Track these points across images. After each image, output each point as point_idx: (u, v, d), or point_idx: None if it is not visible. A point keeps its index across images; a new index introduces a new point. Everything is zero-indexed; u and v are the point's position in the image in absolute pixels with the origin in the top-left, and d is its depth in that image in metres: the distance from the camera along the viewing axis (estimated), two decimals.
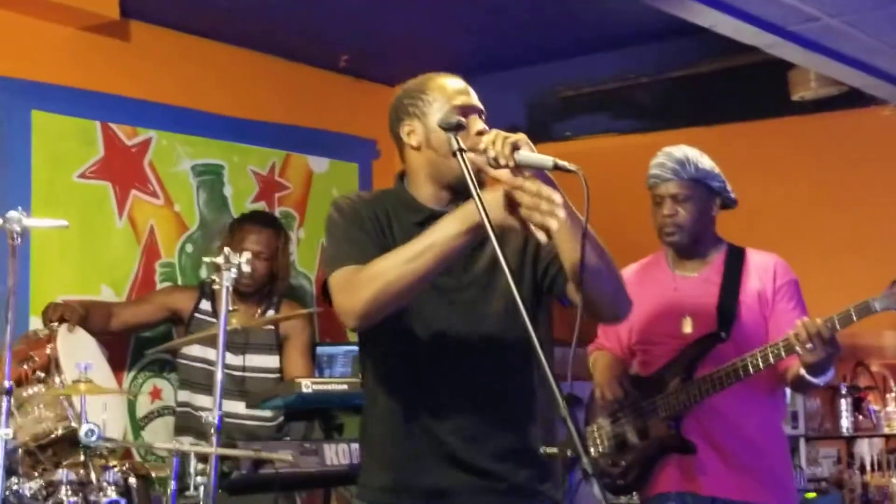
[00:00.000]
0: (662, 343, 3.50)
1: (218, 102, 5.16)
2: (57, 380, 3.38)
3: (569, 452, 2.03)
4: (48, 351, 3.49)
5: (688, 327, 3.46)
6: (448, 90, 2.49)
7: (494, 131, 2.26)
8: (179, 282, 4.91)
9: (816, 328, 3.12)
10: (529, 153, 2.19)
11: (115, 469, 2.96)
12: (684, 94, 5.20)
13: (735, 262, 3.49)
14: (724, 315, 3.41)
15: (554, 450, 2.09)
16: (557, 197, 2.10)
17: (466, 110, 2.44)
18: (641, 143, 3.43)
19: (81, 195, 4.63)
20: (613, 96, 5.45)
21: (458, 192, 2.44)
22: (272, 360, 4.43)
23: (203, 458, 3.09)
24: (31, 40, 4.49)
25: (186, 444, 3.33)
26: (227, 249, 3.07)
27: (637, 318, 3.51)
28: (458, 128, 2.29)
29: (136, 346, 4.74)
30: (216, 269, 3.06)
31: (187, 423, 4.33)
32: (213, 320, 4.23)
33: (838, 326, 3.16)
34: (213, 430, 2.92)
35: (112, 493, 2.83)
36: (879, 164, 5.05)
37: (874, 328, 6.27)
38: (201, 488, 3.04)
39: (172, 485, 2.93)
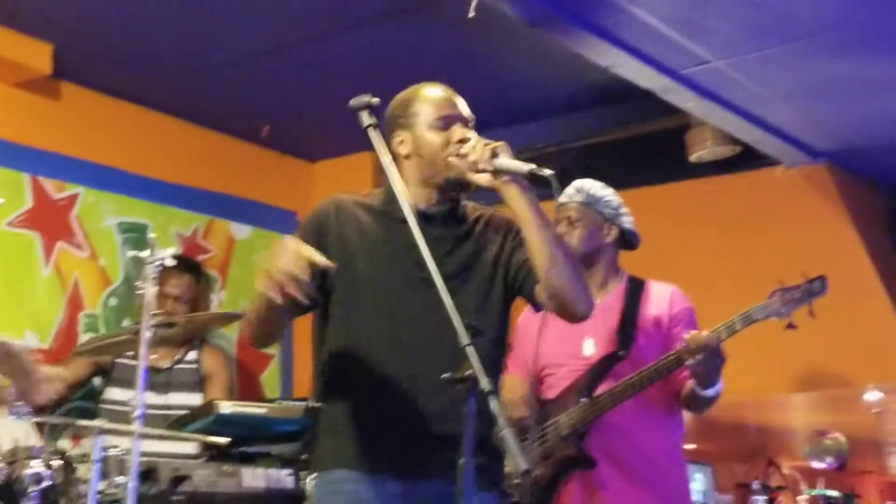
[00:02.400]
0: (565, 365, 3.67)
1: (145, 164, 5.35)
2: None
3: (467, 373, 2.23)
4: None
5: (589, 349, 3.65)
6: (433, 100, 2.68)
7: (475, 138, 2.56)
8: (102, 333, 5.01)
9: (704, 339, 3.34)
10: (507, 160, 2.49)
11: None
12: (588, 162, 5.51)
13: (635, 290, 3.71)
14: (624, 337, 3.61)
15: (453, 374, 2.26)
16: None
17: (451, 119, 2.63)
18: (546, 209, 3.68)
19: (8, 243, 4.75)
20: None
21: (445, 191, 2.66)
22: (195, 398, 4.53)
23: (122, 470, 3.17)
24: None
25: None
26: (151, 241, 3.22)
27: (541, 345, 3.72)
28: (367, 107, 2.57)
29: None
30: (141, 263, 3.20)
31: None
32: (135, 363, 4.32)
33: (723, 336, 3.39)
34: (133, 415, 3.02)
35: (37, 466, 2.92)
36: (774, 224, 5.33)
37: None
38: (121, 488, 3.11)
39: (95, 466, 3.01)
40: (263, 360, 5.78)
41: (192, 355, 4.67)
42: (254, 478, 3.80)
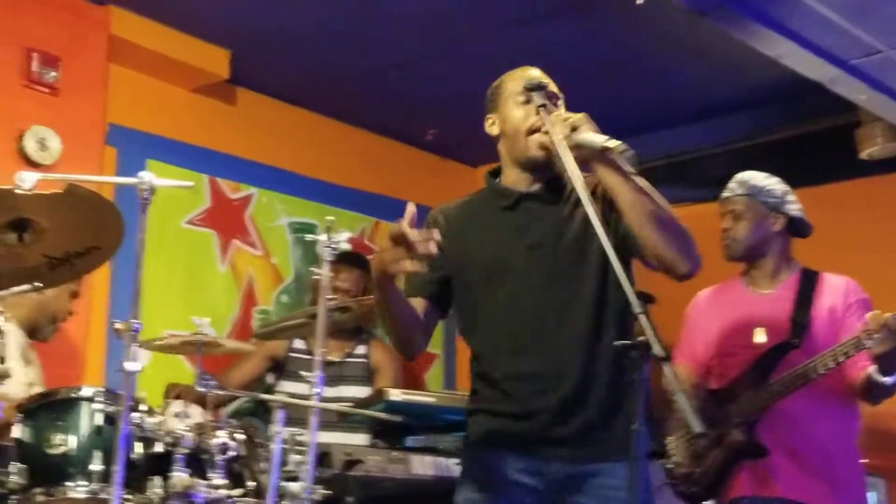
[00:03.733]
0: (736, 354, 3.63)
1: (314, 167, 5.55)
2: None
3: (640, 339, 2.24)
4: None
5: (761, 337, 3.60)
6: (516, 75, 2.75)
7: (557, 112, 2.60)
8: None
9: (887, 318, 3.25)
10: (586, 134, 2.52)
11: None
12: (754, 162, 5.43)
13: (808, 281, 3.65)
14: (797, 326, 3.55)
15: (627, 341, 2.28)
16: None
17: (533, 87, 2.65)
18: (712, 210, 3.69)
19: (188, 240, 4.98)
20: (687, 167, 5.74)
21: (534, 171, 2.72)
22: (365, 392, 4.63)
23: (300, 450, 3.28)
24: (150, 96, 4.93)
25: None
26: (329, 223, 3.34)
27: (711, 333, 3.70)
28: (538, 88, 2.62)
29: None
30: (314, 254, 3.32)
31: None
32: (308, 357, 4.46)
33: None
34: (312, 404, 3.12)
35: (223, 436, 3.05)
36: None
37: None
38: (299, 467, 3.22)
39: (277, 439, 3.12)
40: (428, 358, 5.88)
41: (361, 349, 4.78)
42: (422, 465, 3.87)
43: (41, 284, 2.83)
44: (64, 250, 2.86)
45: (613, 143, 2.46)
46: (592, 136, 2.51)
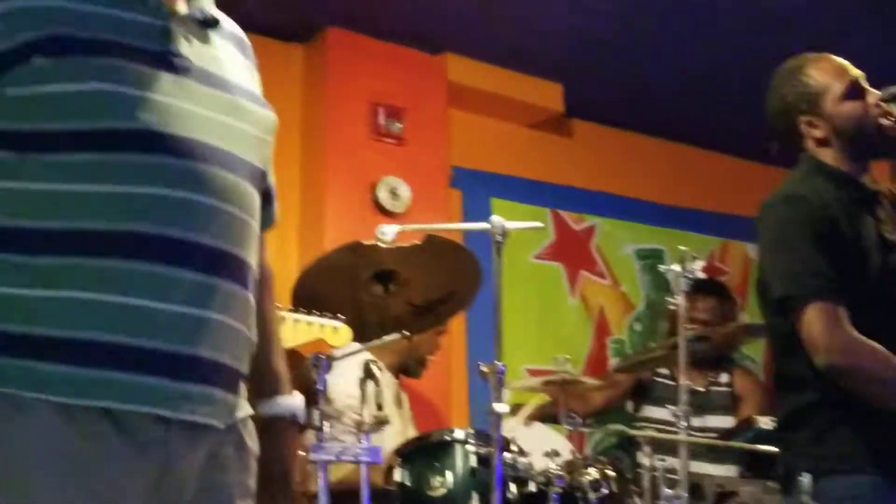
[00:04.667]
0: None
1: (656, 191, 5.45)
2: None
3: None
4: None
5: None
6: (832, 71, 2.49)
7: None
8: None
9: None
10: None
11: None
12: None
13: None
14: None
15: None
16: None
17: (858, 84, 2.46)
18: None
19: (537, 273, 5.02)
20: None
21: (867, 160, 2.51)
22: (729, 421, 4.47)
23: (671, 482, 3.19)
24: (488, 136, 5.03)
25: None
26: (684, 254, 3.24)
27: None
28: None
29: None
30: (664, 284, 3.24)
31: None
32: (673, 383, 4.35)
33: None
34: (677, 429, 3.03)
35: (595, 474, 3.02)
36: None
37: None
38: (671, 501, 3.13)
39: (648, 476, 3.05)
40: None
41: (724, 378, 4.61)
42: None
43: (408, 333, 2.91)
44: (426, 298, 2.94)
45: None
46: None
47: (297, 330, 2.79)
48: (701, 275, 3.27)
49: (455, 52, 4.73)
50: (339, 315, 2.77)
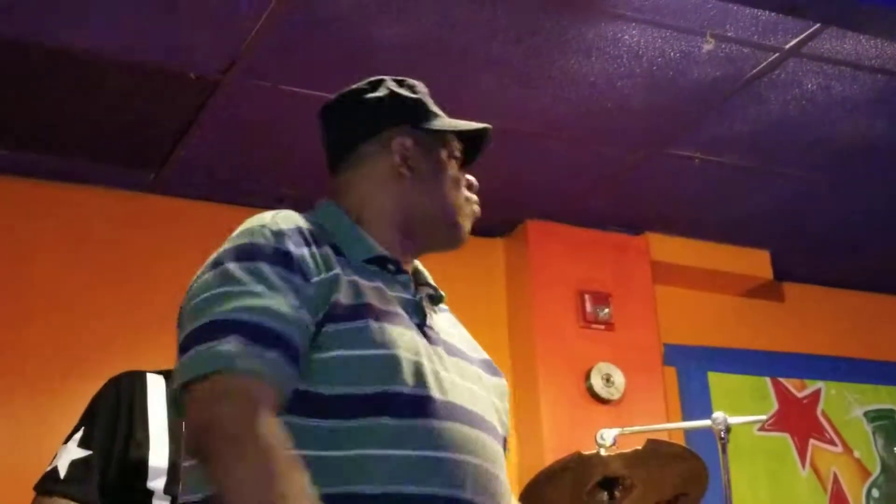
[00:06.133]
0: None
1: (877, 349, 5.25)
2: None
3: None
4: None
5: None
6: None
7: None
8: None
9: None
10: None
11: None
12: None
13: None
14: None
15: None
16: None
17: None
18: None
19: (764, 447, 4.86)
20: None
21: None
22: None
23: None
24: (698, 310, 4.99)
25: None
26: None
27: None
28: None
29: None
30: None
31: None
32: None
33: None
34: None
35: None
36: None
37: None
38: None
39: None
40: None
41: None
42: None
43: None
44: (653, 502, 2.89)
45: None
46: None
47: None
48: None
49: (657, 230, 4.76)
50: None
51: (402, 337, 1.44)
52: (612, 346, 4.55)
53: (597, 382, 4.45)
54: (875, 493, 5.00)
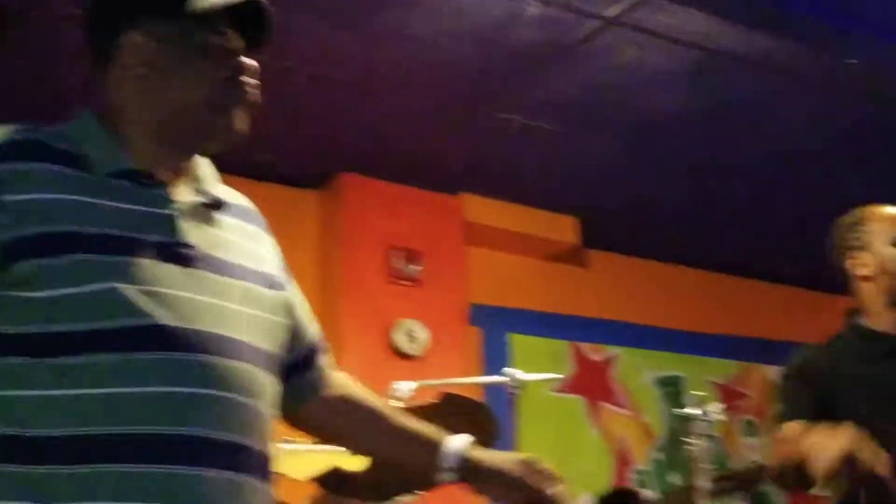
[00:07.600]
0: None
1: (673, 318, 5.47)
2: None
3: None
4: None
5: None
6: (888, 217, 2.58)
7: None
8: (650, 489, 5.08)
9: None
10: None
11: None
12: None
13: None
14: None
15: None
16: None
17: None
18: None
19: (558, 407, 5.01)
20: None
21: None
22: None
23: None
24: (505, 272, 5.08)
25: None
26: (701, 398, 3.25)
27: None
28: None
29: None
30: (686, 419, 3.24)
31: None
32: None
33: None
34: None
35: None
36: None
37: None
38: None
39: None
40: None
41: None
42: None
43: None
44: None
45: None
46: None
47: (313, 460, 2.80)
48: (721, 417, 3.27)
49: (471, 191, 4.80)
50: None
51: (122, 267, 1.35)
52: (419, 303, 4.60)
53: (399, 338, 4.49)
54: (660, 455, 5.22)
